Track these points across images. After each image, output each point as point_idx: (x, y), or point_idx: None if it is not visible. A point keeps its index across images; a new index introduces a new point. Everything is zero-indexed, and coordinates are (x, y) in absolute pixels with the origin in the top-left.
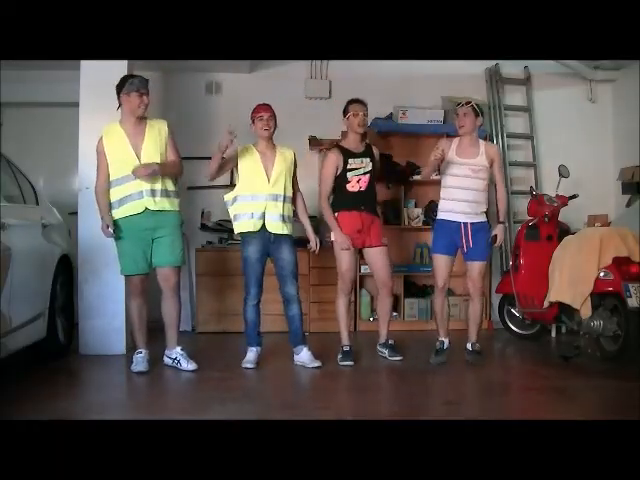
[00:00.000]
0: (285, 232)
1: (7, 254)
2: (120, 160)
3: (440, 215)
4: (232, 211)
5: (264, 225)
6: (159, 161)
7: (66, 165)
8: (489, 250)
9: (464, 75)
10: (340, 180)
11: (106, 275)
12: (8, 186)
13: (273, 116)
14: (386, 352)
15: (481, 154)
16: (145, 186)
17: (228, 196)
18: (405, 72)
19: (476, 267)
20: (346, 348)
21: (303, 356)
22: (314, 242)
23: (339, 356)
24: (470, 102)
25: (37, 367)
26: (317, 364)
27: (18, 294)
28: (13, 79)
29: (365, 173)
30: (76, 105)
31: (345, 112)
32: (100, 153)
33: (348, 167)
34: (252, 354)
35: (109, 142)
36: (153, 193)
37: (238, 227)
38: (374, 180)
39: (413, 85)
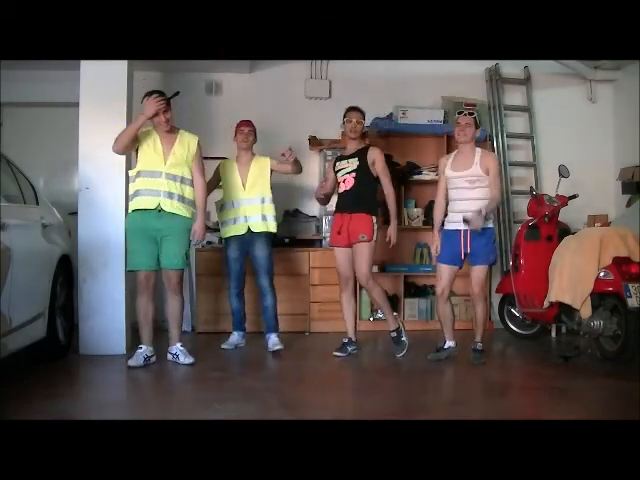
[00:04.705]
0: (266, 230)
1: (7, 254)
2: (149, 156)
3: (445, 225)
4: (219, 218)
5: (249, 227)
6: (182, 171)
7: (66, 165)
8: (493, 255)
9: (464, 75)
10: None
11: (106, 275)
12: (8, 186)
13: (253, 131)
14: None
15: (475, 164)
16: (164, 187)
17: (217, 203)
18: (405, 72)
19: (475, 271)
20: (344, 340)
21: (269, 340)
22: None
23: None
24: (473, 113)
25: (37, 367)
26: (278, 347)
27: (18, 294)
28: (13, 79)
29: (349, 172)
30: (76, 105)
31: (343, 118)
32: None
33: (336, 169)
34: (232, 338)
35: (144, 139)
36: (170, 196)
37: (224, 232)
38: (363, 178)
39: (413, 85)
